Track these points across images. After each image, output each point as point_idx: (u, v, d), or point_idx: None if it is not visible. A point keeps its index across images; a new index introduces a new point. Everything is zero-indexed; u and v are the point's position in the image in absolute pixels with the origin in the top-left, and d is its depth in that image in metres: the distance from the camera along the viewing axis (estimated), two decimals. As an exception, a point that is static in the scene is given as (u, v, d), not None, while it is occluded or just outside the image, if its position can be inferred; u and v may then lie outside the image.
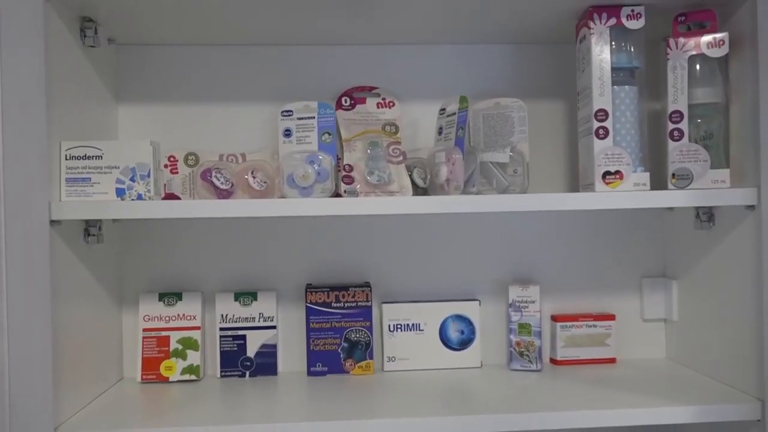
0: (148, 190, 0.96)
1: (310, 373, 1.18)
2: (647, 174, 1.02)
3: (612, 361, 1.23)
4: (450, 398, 1.02)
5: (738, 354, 1.04)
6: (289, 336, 1.22)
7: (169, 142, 1.20)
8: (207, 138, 1.21)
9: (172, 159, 1.17)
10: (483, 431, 0.93)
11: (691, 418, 0.96)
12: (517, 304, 1.19)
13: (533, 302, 1.18)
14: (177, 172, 1.17)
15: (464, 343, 1.21)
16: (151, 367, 1.14)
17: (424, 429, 0.93)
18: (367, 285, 1.19)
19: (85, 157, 0.95)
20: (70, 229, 0.97)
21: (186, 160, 1.17)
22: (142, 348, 1.15)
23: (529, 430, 0.94)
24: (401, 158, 1.12)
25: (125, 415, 0.97)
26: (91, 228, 1.03)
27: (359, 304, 1.18)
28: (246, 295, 1.18)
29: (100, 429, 0.90)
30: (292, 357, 1.22)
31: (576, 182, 1.26)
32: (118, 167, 0.95)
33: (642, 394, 1.02)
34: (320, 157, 1.03)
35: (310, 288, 1.18)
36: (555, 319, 1.23)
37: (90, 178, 0.95)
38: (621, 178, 1.01)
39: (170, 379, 1.15)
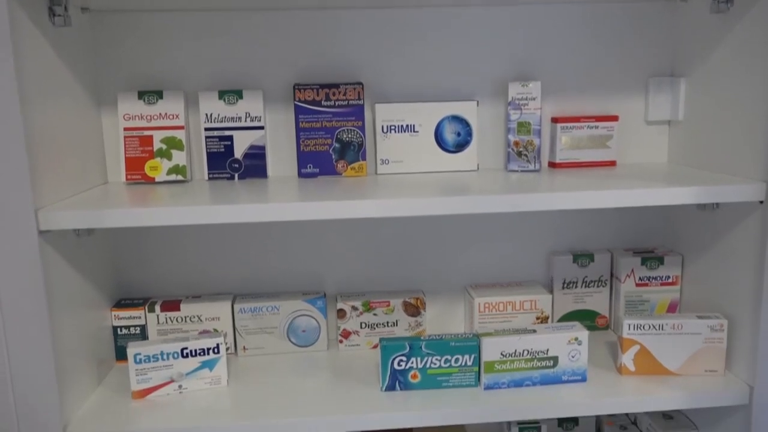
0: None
1: (301, 174, 1.14)
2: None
3: (612, 163, 1.19)
4: (445, 191, 0.98)
5: (745, 144, 0.99)
6: (278, 138, 1.17)
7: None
8: None
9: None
10: (478, 211, 0.91)
11: (693, 198, 0.93)
12: (517, 101, 1.13)
13: (533, 99, 1.12)
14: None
15: (460, 146, 1.16)
16: (135, 167, 1.10)
17: (419, 209, 0.90)
18: (359, 83, 1.13)
19: None
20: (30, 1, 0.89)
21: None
22: (125, 148, 1.10)
23: (524, 210, 0.92)
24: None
25: (109, 202, 0.93)
26: (55, 7, 0.94)
27: (351, 102, 1.12)
28: (231, 94, 1.12)
29: (85, 208, 0.88)
30: (282, 160, 1.18)
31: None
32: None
33: (642, 181, 0.99)
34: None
35: (298, 86, 1.12)
36: (555, 120, 1.17)
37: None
38: (636, -56, 0.92)
39: (156, 180, 1.11)
